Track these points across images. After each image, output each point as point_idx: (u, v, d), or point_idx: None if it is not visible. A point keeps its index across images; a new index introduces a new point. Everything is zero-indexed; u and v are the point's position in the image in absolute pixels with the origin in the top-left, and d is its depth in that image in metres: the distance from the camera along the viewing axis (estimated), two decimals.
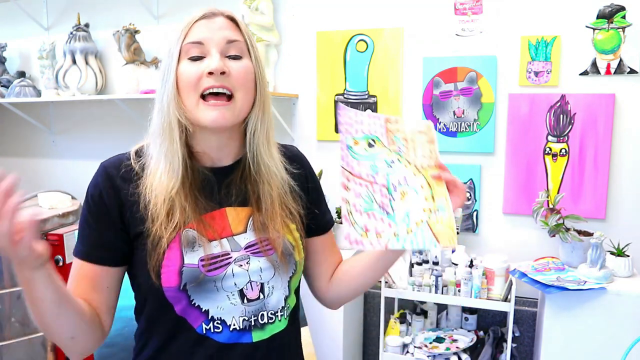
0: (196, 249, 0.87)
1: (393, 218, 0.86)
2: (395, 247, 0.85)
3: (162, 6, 2.77)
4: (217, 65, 0.85)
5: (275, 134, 0.99)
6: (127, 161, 0.92)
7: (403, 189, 0.88)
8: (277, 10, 2.55)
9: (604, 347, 1.82)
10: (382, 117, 0.91)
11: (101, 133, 2.97)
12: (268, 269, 0.92)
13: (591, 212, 2.17)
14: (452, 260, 2.17)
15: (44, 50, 2.87)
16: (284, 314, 0.95)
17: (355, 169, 0.87)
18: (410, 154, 0.90)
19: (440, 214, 0.87)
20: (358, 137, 0.88)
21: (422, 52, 2.36)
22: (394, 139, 0.90)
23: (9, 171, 0.68)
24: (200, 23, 0.89)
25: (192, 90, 0.87)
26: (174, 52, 0.88)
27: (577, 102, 2.15)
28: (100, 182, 0.90)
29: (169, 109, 0.87)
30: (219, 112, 0.86)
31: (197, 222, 0.88)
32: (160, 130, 0.89)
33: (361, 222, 0.85)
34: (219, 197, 0.92)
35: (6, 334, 2.06)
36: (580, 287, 1.82)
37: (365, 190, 0.87)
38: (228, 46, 0.89)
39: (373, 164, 0.88)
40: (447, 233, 0.87)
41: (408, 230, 0.86)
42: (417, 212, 0.87)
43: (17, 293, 2.06)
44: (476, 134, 2.30)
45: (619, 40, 2.08)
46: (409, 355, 2.15)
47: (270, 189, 0.94)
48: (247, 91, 0.90)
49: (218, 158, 0.94)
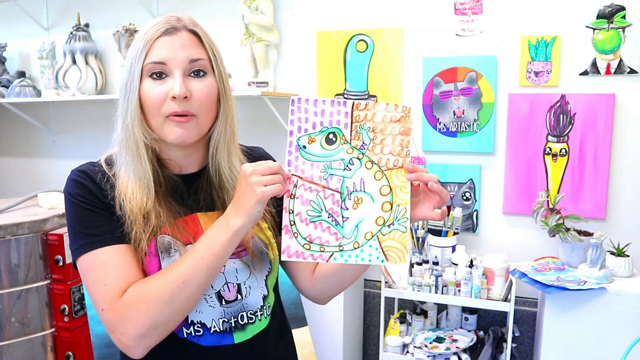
0: (172, 255, 0.88)
1: (341, 230, 0.82)
2: (338, 261, 0.82)
3: (162, 6, 2.77)
4: (179, 92, 0.86)
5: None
6: (99, 167, 0.93)
7: (358, 195, 0.82)
8: (277, 10, 2.55)
9: (604, 347, 1.82)
10: (348, 103, 0.82)
11: (101, 133, 2.97)
12: (243, 270, 0.93)
13: (591, 212, 2.17)
14: (452, 260, 2.17)
15: (44, 50, 2.87)
16: (263, 313, 0.96)
17: (306, 172, 0.81)
18: (376, 149, 0.82)
19: (395, 227, 0.83)
20: (314, 132, 0.81)
21: (422, 52, 2.36)
22: (359, 131, 0.82)
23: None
24: (162, 40, 0.88)
25: (157, 111, 0.88)
26: (135, 70, 0.88)
27: (577, 102, 2.15)
28: (83, 181, 0.89)
29: (134, 130, 0.88)
30: (184, 130, 0.88)
31: (171, 226, 0.89)
32: (126, 147, 0.90)
33: (305, 232, 0.82)
34: (189, 203, 0.94)
35: (6, 334, 2.05)
36: (580, 287, 1.81)
37: (315, 195, 0.82)
38: (191, 65, 0.89)
39: (328, 164, 0.82)
40: (397, 250, 0.83)
41: (355, 245, 0.82)
42: (368, 223, 0.83)
43: (17, 293, 2.06)
44: (476, 134, 2.30)
45: (619, 40, 2.08)
46: (409, 355, 2.15)
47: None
48: (209, 110, 0.91)
49: (184, 165, 0.96)
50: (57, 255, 2.09)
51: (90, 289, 0.86)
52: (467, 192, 2.34)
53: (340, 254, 0.82)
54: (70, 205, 0.89)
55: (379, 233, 0.83)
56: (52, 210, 2.23)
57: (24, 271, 2.07)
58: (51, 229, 2.13)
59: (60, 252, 2.09)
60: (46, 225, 2.12)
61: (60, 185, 3.00)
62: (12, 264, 2.05)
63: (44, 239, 2.10)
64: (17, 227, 2.04)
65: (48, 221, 2.12)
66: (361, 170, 0.82)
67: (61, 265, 2.09)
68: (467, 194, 2.34)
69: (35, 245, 2.09)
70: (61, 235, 2.09)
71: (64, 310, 2.12)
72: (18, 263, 2.06)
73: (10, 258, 2.05)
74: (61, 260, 2.09)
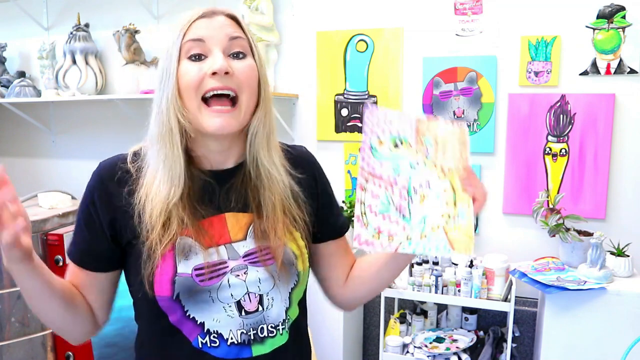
0: (191, 257, 0.83)
1: (408, 221, 0.85)
2: (406, 250, 0.84)
3: (162, 6, 2.77)
4: (220, 66, 0.81)
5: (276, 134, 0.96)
6: (123, 162, 0.89)
7: (424, 192, 0.86)
8: (277, 10, 2.55)
9: (604, 347, 1.82)
10: (413, 117, 0.88)
11: (101, 133, 2.97)
12: (267, 280, 0.87)
13: (591, 212, 2.17)
14: (452, 260, 2.17)
15: (44, 50, 2.87)
16: (285, 327, 0.90)
17: (376, 170, 0.86)
18: (438, 155, 0.87)
19: (460, 221, 0.85)
20: (384, 137, 0.87)
21: (422, 52, 2.36)
22: (423, 140, 0.87)
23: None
24: (200, 22, 0.84)
25: (194, 92, 0.82)
26: (172, 51, 0.83)
27: (577, 102, 2.15)
28: (94, 187, 0.87)
29: (169, 113, 0.83)
30: (224, 120, 0.82)
31: (194, 228, 0.84)
32: (158, 136, 0.84)
33: (375, 223, 0.84)
34: (218, 202, 0.88)
35: (6, 334, 2.06)
36: (580, 287, 1.81)
37: (384, 191, 0.85)
38: (231, 43, 0.84)
39: (396, 165, 0.86)
40: (464, 241, 0.84)
41: (422, 235, 0.84)
42: (434, 217, 0.85)
43: (17, 293, 2.06)
44: (476, 134, 2.30)
45: (619, 40, 2.08)
46: (409, 355, 2.15)
47: (271, 195, 0.89)
48: (251, 92, 0.86)
49: (219, 161, 0.90)
50: (57, 255, 2.10)
51: None
52: None
53: (409, 242, 0.84)
54: (81, 207, 0.90)
55: (445, 225, 0.85)
56: (52, 210, 2.23)
57: None
58: (51, 229, 2.13)
59: (60, 252, 2.09)
60: (46, 225, 2.12)
61: (61, 185, 3.00)
62: None
63: (44, 239, 2.10)
64: None
65: (48, 221, 2.13)
66: (426, 170, 0.87)
67: (61, 265, 2.09)
68: None
69: (35, 245, 2.09)
70: (61, 235, 2.09)
71: None
72: None
73: None
74: (61, 260, 2.09)
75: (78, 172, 3.02)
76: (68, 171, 3.09)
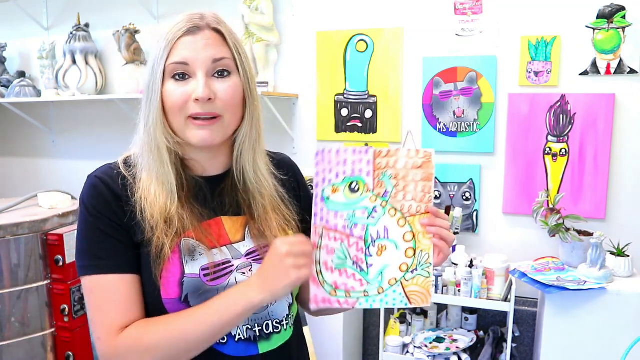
0: (196, 258, 0.85)
1: (366, 276, 0.83)
2: (364, 306, 0.84)
3: (162, 6, 2.77)
4: (202, 94, 0.83)
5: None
6: (117, 169, 0.89)
7: (382, 242, 0.83)
8: (277, 10, 2.55)
9: (604, 347, 1.82)
10: (370, 152, 0.82)
11: (101, 133, 2.97)
12: None
13: (591, 212, 2.17)
14: (452, 260, 2.17)
15: (44, 50, 2.87)
16: (289, 322, 0.93)
17: (331, 222, 0.82)
18: (399, 196, 0.83)
19: (418, 272, 0.84)
20: (338, 182, 0.82)
21: (422, 52, 2.36)
22: (382, 179, 0.83)
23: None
24: (185, 40, 0.84)
25: (178, 112, 0.85)
26: (157, 71, 0.85)
27: (577, 102, 2.15)
28: (100, 190, 0.86)
29: (156, 133, 0.85)
30: (208, 132, 0.85)
31: (195, 229, 0.85)
32: (148, 149, 0.87)
33: (331, 279, 0.82)
34: (213, 205, 0.91)
35: (6, 334, 2.05)
36: (580, 287, 1.81)
37: (340, 244, 0.82)
38: (214, 65, 0.85)
39: (352, 213, 0.82)
40: (421, 294, 0.84)
41: (379, 290, 0.83)
42: (392, 270, 0.83)
43: (17, 293, 2.06)
44: (476, 134, 2.30)
45: (619, 40, 2.08)
46: (409, 355, 2.15)
47: (261, 198, 0.93)
48: (234, 111, 0.88)
49: (208, 167, 0.93)
50: (57, 255, 2.09)
51: (91, 312, 0.84)
52: (467, 192, 2.34)
53: (366, 299, 0.83)
54: (83, 218, 0.86)
55: (403, 279, 0.84)
56: (52, 210, 2.23)
57: (24, 271, 2.07)
58: (51, 229, 2.13)
59: (60, 252, 2.09)
60: (46, 225, 2.12)
61: (61, 185, 2.99)
62: (12, 264, 2.05)
63: (44, 239, 2.10)
64: (17, 227, 2.04)
65: (48, 221, 2.12)
66: (385, 217, 0.83)
67: (61, 265, 2.09)
68: (467, 194, 2.34)
69: (35, 245, 2.09)
70: (61, 235, 2.09)
71: (64, 310, 2.12)
72: (18, 263, 2.06)
73: (10, 258, 2.04)
74: (61, 260, 2.09)
75: (78, 172, 3.01)
76: (68, 171, 3.09)
